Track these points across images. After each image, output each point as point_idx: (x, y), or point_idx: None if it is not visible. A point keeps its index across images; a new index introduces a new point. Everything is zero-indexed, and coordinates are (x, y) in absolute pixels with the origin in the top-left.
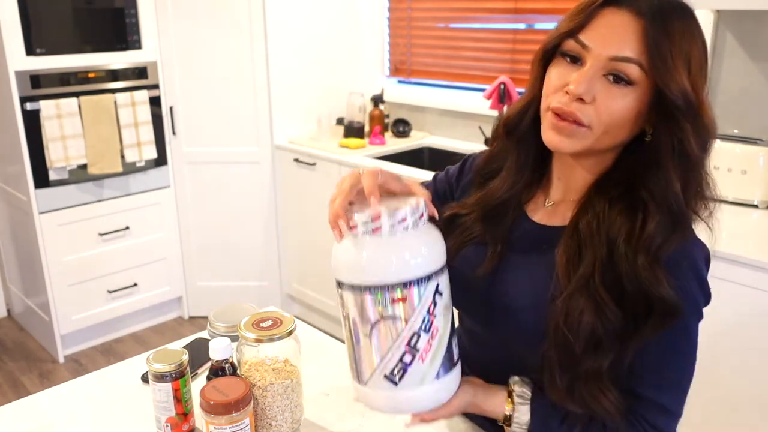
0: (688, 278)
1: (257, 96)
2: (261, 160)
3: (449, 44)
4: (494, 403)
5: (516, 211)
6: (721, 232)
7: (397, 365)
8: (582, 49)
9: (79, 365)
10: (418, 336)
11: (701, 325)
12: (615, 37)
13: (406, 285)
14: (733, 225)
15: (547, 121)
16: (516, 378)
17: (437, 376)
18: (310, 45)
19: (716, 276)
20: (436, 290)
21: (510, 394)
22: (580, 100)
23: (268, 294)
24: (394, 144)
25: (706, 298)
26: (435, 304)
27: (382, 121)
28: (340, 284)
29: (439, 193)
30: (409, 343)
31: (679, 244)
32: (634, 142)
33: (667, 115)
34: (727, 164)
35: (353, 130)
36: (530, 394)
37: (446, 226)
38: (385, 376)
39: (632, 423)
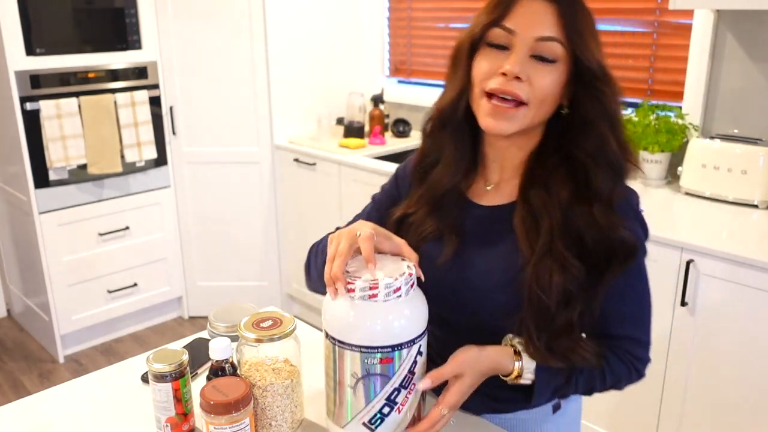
0: (633, 222)
1: (257, 96)
2: (261, 160)
3: (449, 44)
4: (503, 353)
5: (461, 200)
6: (721, 231)
7: (376, 415)
8: (509, 35)
9: (79, 365)
10: (398, 391)
11: (702, 324)
12: (536, 20)
13: (393, 348)
14: (733, 225)
15: (483, 107)
16: (508, 336)
17: (410, 423)
18: (310, 45)
19: (717, 276)
20: (418, 351)
21: (513, 348)
22: (517, 78)
23: (268, 294)
24: (394, 144)
25: (646, 234)
26: (416, 363)
27: (382, 121)
28: (330, 337)
29: (382, 210)
30: (389, 398)
31: (622, 193)
32: (553, 117)
33: (588, 84)
34: (727, 164)
35: (353, 130)
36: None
37: (397, 228)
38: (364, 423)
39: (621, 359)
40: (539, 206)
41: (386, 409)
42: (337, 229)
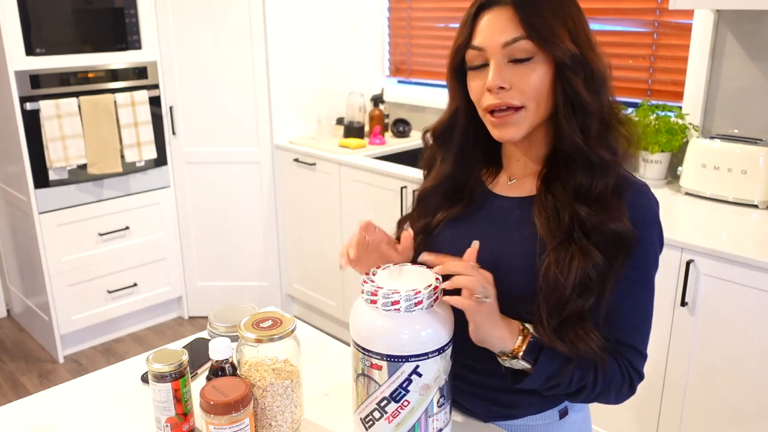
0: (649, 231)
1: (257, 96)
2: (261, 160)
3: (449, 44)
4: (512, 322)
5: (476, 191)
6: (721, 231)
7: (369, 415)
8: (480, 53)
9: (79, 365)
10: (388, 401)
11: (702, 324)
12: (498, 29)
13: (382, 357)
14: (733, 225)
15: (488, 122)
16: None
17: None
18: (310, 45)
19: (717, 276)
20: (415, 371)
21: (521, 324)
22: (502, 89)
23: (268, 294)
24: (394, 144)
25: (661, 246)
26: (410, 382)
27: (382, 121)
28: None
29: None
30: (379, 404)
31: (613, 184)
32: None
33: (559, 74)
34: (727, 164)
35: (353, 130)
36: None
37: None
38: (360, 419)
39: (618, 364)
40: (558, 197)
41: (377, 414)
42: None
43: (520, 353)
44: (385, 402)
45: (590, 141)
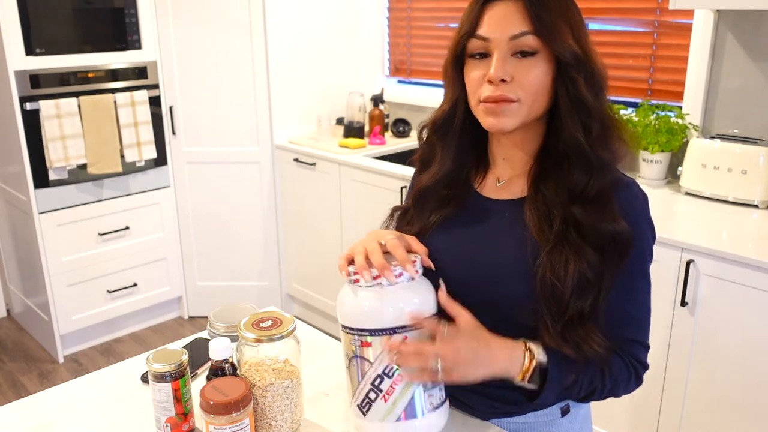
0: (641, 226)
1: (257, 96)
2: (261, 160)
3: (449, 44)
4: (510, 346)
5: (472, 195)
6: (721, 231)
7: (365, 399)
8: (485, 43)
9: (79, 365)
10: (382, 379)
11: (702, 324)
12: (506, 21)
13: (371, 333)
14: (733, 225)
15: (481, 111)
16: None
17: (400, 418)
18: (310, 45)
19: (717, 276)
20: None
21: (525, 344)
22: (503, 81)
23: (268, 294)
24: (394, 144)
25: (654, 238)
26: None
27: (382, 121)
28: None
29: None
30: (374, 383)
31: (608, 184)
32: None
33: (562, 72)
34: (727, 164)
35: (353, 130)
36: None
37: (402, 221)
38: (357, 405)
39: (624, 361)
40: (549, 198)
41: (372, 395)
42: None
43: (527, 378)
44: (379, 380)
45: (592, 141)
